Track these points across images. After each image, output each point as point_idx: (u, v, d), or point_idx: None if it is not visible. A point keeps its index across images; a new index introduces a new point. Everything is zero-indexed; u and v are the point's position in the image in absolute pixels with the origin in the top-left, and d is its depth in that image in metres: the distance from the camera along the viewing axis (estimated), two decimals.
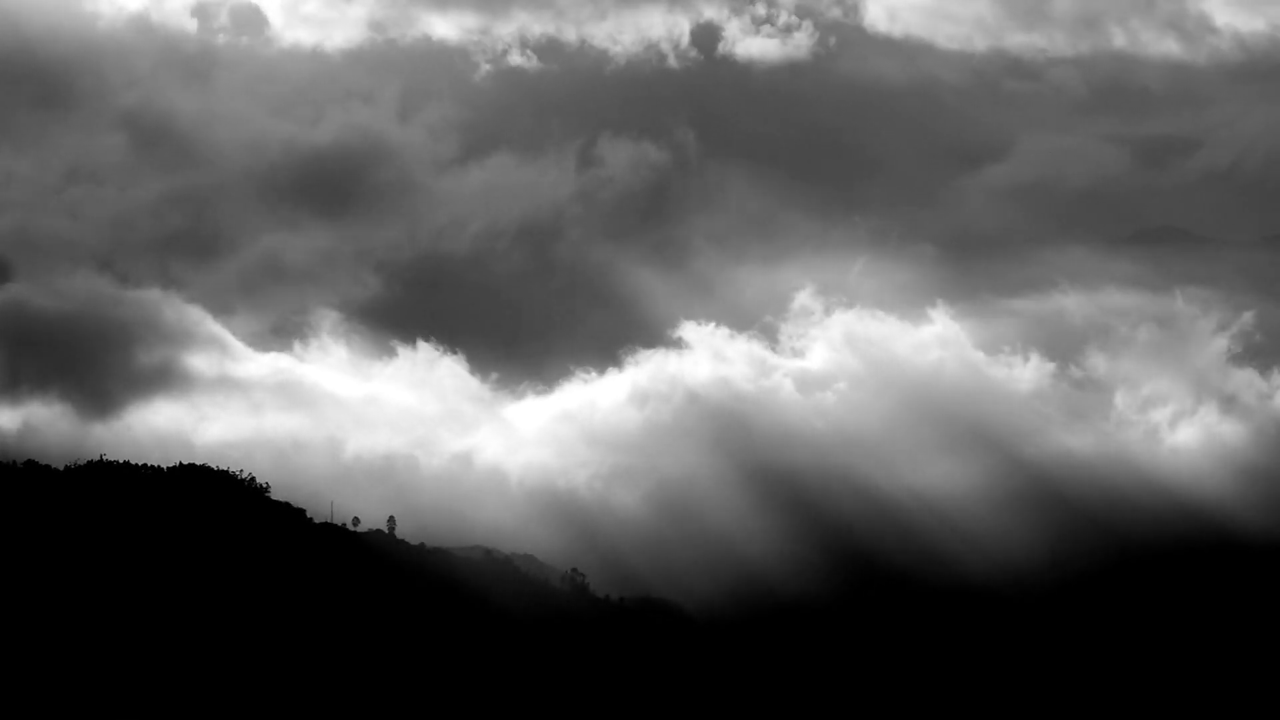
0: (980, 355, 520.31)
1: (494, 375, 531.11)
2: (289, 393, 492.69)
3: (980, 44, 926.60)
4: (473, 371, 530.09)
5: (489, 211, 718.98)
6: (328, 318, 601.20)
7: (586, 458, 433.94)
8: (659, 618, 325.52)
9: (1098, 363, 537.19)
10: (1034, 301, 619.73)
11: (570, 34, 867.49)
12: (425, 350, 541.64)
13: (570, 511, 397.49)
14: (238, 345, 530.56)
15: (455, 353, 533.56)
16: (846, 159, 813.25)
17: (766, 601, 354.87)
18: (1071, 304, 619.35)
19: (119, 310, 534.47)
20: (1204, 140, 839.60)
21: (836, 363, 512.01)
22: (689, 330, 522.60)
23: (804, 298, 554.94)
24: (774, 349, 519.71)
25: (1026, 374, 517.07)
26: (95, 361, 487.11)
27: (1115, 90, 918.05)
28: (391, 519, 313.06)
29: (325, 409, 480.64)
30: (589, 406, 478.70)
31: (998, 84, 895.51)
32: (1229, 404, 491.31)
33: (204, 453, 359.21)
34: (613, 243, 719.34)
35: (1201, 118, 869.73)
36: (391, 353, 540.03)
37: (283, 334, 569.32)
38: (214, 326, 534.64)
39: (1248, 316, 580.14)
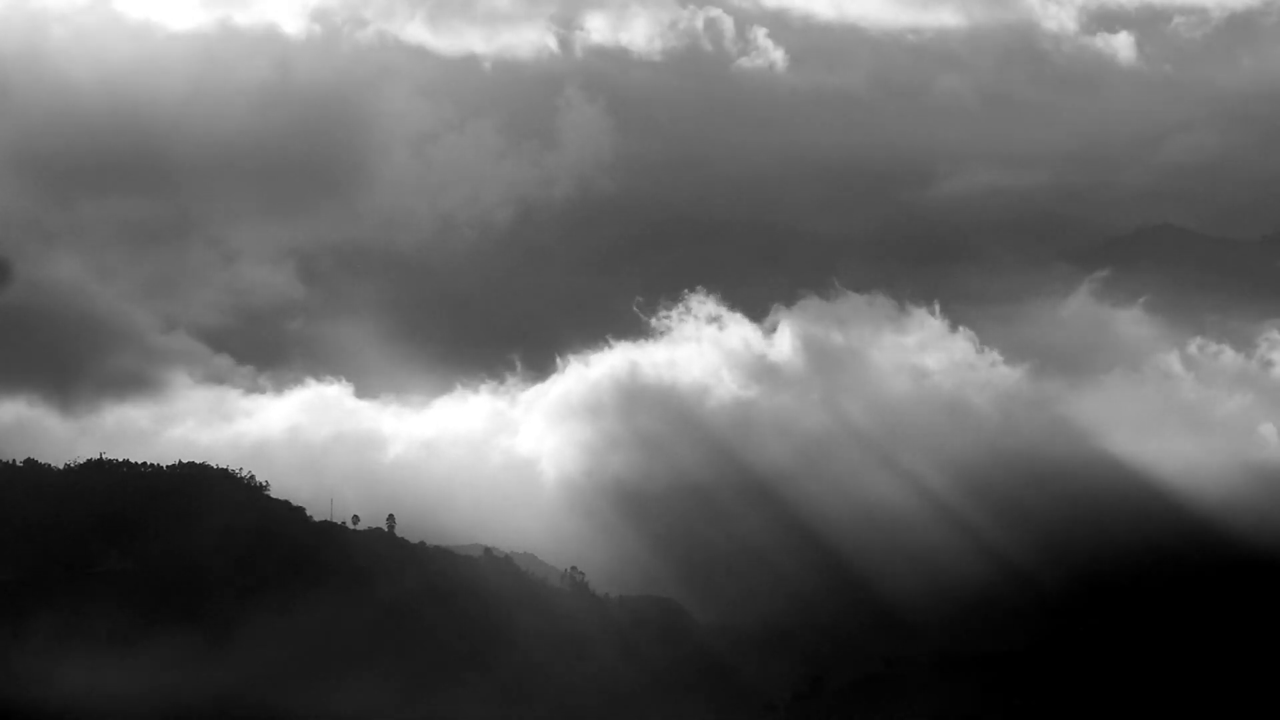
0: (979, 361, 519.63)
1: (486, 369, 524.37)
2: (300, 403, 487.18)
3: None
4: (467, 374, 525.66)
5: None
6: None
7: (593, 453, 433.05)
8: (660, 617, 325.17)
9: (1081, 369, 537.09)
10: (1014, 310, 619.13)
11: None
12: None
13: (576, 508, 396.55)
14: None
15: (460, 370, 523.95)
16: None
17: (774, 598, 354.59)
18: (1049, 313, 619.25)
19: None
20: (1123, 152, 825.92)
21: (830, 360, 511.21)
22: (682, 319, 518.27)
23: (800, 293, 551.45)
24: (770, 344, 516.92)
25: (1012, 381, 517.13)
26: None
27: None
28: (391, 517, 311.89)
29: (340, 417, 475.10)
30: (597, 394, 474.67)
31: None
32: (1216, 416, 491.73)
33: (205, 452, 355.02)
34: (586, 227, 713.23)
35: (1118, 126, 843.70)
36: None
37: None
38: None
39: (1223, 319, 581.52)
